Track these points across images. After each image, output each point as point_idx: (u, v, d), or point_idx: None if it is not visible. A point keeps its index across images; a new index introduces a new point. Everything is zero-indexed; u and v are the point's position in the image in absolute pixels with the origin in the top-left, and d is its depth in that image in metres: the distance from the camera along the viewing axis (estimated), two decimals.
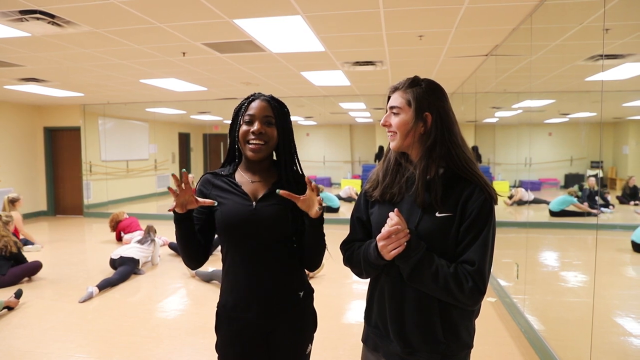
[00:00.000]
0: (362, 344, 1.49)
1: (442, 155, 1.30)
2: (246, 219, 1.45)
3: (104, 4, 3.19)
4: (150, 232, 5.57)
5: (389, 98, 1.39)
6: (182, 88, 7.24)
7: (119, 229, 6.81)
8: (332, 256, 1.67)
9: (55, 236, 7.19)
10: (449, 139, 1.31)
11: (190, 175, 9.73)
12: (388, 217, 1.27)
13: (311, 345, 1.58)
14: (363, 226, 1.44)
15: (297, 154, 1.57)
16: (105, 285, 4.62)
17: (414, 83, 1.34)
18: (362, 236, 1.44)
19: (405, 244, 1.24)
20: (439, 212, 1.27)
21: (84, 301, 4.29)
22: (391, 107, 1.36)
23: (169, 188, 1.38)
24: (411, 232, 1.26)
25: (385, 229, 1.25)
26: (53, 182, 9.97)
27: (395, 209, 1.27)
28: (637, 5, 3.31)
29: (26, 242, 6.62)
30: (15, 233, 6.06)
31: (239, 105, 1.52)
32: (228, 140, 1.57)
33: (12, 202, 6.26)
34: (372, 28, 3.88)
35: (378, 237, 1.27)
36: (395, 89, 1.37)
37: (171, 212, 1.44)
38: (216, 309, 1.56)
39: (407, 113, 1.32)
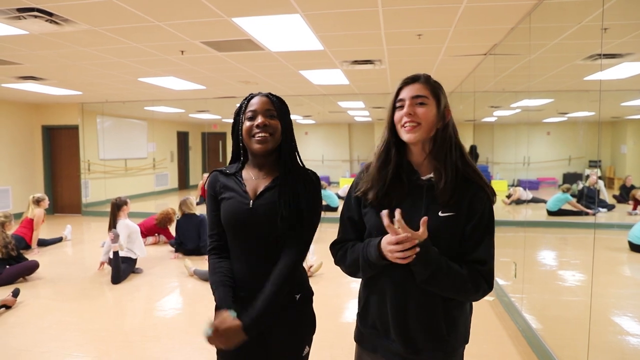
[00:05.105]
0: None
1: (447, 153, 1.31)
2: (243, 217, 1.46)
3: (102, 2, 3.17)
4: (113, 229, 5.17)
5: (399, 90, 1.33)
6: (180, 87, 7.23)
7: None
8: (321, 256, 1.67)
9: (53, 235, 7.18)
10: (454, 137, 1.33)
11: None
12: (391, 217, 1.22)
13: (309, 347, 1.57)
14: (355, 226, 1.42)
15: (297, 151, 1.57)
16: (115, 266, 4.80)
17: (430, 78, 1.33)
18: (353, 236, 1.41)
19: (417, 255, 1.20)
20: (442, 211, 1.27)
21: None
22: (416, 97, 1.29)
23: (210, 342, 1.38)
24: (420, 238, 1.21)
25: (393, 237, 1.19)
26: (51, 180, 9.94)
27: (398, 210, 1.21)
28: (636, 5, 3.32)
29: (44, 242, 6.65)
30: (29, 230, 6.14)
31: (239, 106, 1.53)
32: (232, 142, 1.58)
33: (38, 201, 6.24)
34: (370, 27, 3.87)
35: (387, 240, 1.22)
36: (414, 80, 1.31)
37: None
38: (215, 304, 1.57)
39: (433, 106, 1.30)
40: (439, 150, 1.30)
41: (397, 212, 1.21)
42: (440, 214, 1.27)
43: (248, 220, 1.46)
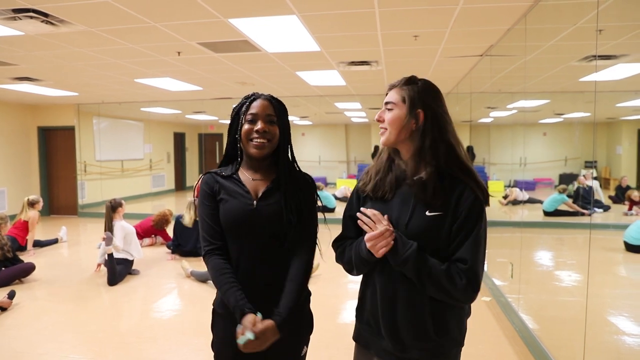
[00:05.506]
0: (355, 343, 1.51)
1: (434, 153, 1.32)
2: (246, 217, 1.46)
3: (98, 3, 3.17)
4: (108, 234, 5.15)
5: (386, 96, 1.42)
6: (177, 88, 7.22)
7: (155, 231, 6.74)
8: (324, 257, 1.67)
9: (49, 236, 7.15)
10: (441, 138, 1.33)
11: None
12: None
13: (306, 347, 1.58)
14: (355, 224, 1.45)
15: (293, 152, 1.58)
16: (110, 268, 4.78)
17: (410, 81, 1.38)
18: (353, 234, 1.45)
19: (393, 241, 1.28)
20: (429, 210, 1.29)
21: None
22: (386, 103, 1.39)
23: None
24: (401, 230, 1.31)
25: (370, 233, 1.31)
26: (47, 182, 9.91)
27: (386, 216, 1.32)
28: (630, 6, 3.34)
29: (39, 243, 6.63)
30: (21, 232, 6.11)
31: (239, 105, 1.53)
32: (227, 140, 1.57)
33: (32, 204, 6.22)
34: (367, 28, 3.88)
35: (365, 238, 1.32)
36: (392, 87, 1.40)
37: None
38: (212, 307, 1.57)
39: (401, 109, 1.35)
40: (417, 150, 1.34)
41: (365, 211, 1.33)
42: (427, 213, 1.29)
43: (251, 220, 1.46)
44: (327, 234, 1.62)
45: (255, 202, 1.48)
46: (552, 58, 4.93)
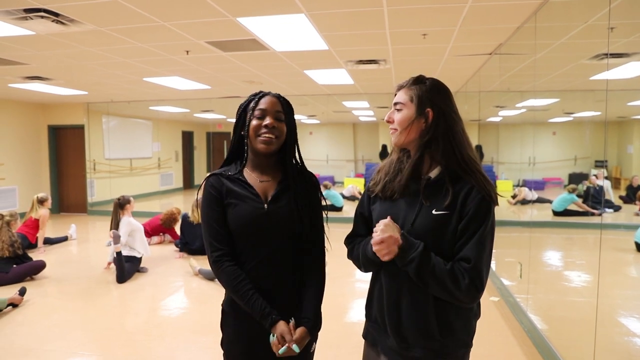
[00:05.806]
0: (363, 341, 1.51)
1: (442, 152, 1.32)
2: (258, 220, 1.46)
3: (108, 2, 3.19)
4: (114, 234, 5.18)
5: (395, 96, 1.42)
6: (185, 86, 7.25)
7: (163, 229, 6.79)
8: (332, 250, 1.68)
9: (59, 234, 7.22)
10: (449, 137, 1.32)
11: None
12: (387, 215, 1.32)
13: (315, 344, 1.59)
14: (365, 222, 1.48)
15: (299, 152, 1.58)
16: (118, 265, 4.82)
17: (419, 81, 1.37)
18: (364, 232, 1.47)
19: (398, 248, 1.27)
20: (436, 209, 1.29)
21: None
22: (395, 104, 1.39)
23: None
24: (407, 228, 1.31)
25: (377, 237, 1.29)
26: (57, 180, 10.02)
27: (389, 217, 1.32)
28: None
29: (49, 240, 6.71)
30: (31, 229, 6.18)
31: (246, 102, 1.52)
32: (232, 138, 1.56)
33: (42, 201, 6.29)
34: (375, 26, 3.87)
35: (372, 242, 1.31)
36: (400, 87, 1.40)
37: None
38: (222, 306, 1.57)
39: (410, 109, 1.35)
40: (426, 149, 1.34)
41: (383, 221, 1.32)
42: (433, 212, 1.29)
43: (263, 223, 1.45)
44: (330, 232, 1.63)
45: (266, 205, 1.47)
46: (563, 56, 4.89)
